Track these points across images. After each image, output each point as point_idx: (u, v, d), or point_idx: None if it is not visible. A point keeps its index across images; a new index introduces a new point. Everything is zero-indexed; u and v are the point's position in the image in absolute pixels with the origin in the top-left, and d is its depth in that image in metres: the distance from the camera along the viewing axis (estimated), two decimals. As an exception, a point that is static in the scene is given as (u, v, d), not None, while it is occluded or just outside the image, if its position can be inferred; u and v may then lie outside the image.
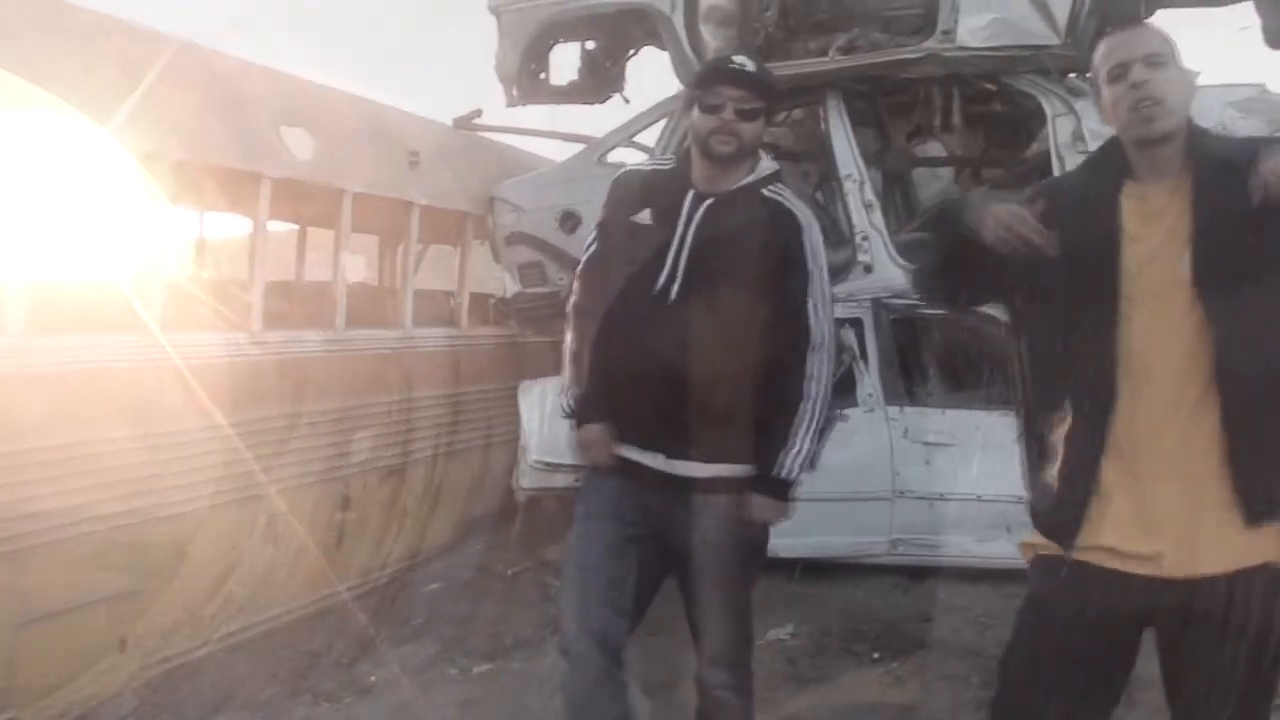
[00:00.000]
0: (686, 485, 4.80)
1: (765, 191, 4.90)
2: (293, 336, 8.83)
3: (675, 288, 4.74)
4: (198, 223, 11.43)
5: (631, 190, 5.02)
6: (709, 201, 4.80)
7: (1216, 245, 3.70)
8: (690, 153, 4.96)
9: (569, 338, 5.19)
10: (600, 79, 12.65)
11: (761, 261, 4.79)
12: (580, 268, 5.22)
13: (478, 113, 12.37)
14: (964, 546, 9.34)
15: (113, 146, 7.01)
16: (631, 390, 4.82)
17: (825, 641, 8.42)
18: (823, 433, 4.91)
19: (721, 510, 4.85)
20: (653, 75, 13.71)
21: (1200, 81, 10.12)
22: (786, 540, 8.39)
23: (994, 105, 11.46)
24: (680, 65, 10.95)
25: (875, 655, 8.23)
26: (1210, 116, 9.49)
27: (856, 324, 9.98)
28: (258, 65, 9.31)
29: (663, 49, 11.29)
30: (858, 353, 9.92)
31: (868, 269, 10.20)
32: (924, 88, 11.39)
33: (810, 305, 4.86)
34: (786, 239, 4.84)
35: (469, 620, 8.96)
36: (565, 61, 12.54)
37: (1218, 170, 3.78)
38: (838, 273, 10.49)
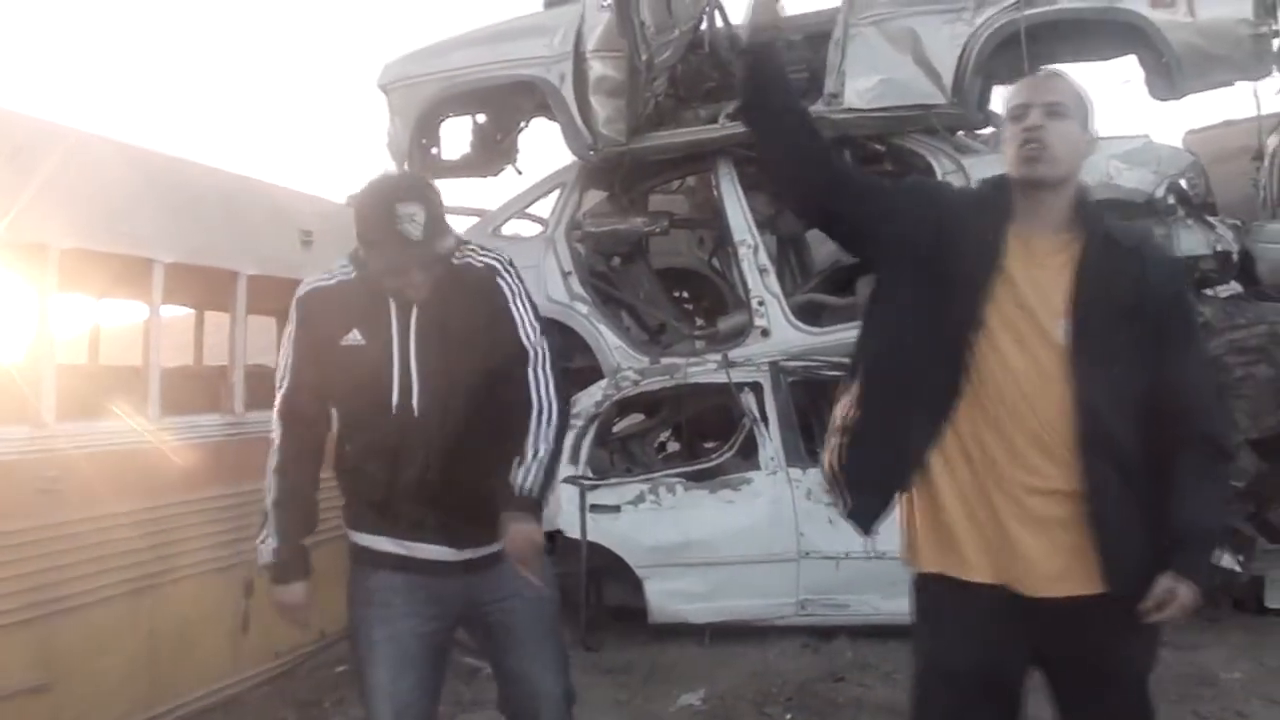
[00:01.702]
0: (483, 564, 4.74)
1: (455, 262, 4.75)
2: (191, 421, 8.74)
3: (414, 399, 4.62)
4: (92, 310, 11.35)
5: (328, 312, 4.72)
6: (415, 308, 4.64)
7: (1094, 323, 3.90)
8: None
9: (273, 486, 5.02)
10: (492, 152, 12.69)
11: (481, 329, 4.71)
12: (280, 409, 4.93)
13: (370, 190, 12.35)
14: (871, 604, 9.37)
15: (2, 237, 6.95)
16: (403, 502, 4.71)
17: (738, 705, 8.42)
18: (559, 438, 4.75)
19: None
20: (544, 147, 13.78)
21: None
22: (696, 606, 8.30)
23: (884, 165, 11.57)
24: (571, 136, 11.02)
25: (788, 716, 8.24)
26: (1096, 168, 9.66)
27: (756, 388, 10.04)
28: (147, 150, 9.25)
29: (553, 120, 11.34)
30: (758, 416, 9.96)
31: (765, 333, 10.29)
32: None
33: (522, 331, 4.76)
34: (493, 296, 4.76)
35: (378, 700, 8.90)
36: (457, 136, 12.59)
37: (1107, 248, 4.01)
38: (735, 337, 10.58)
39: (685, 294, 13.28)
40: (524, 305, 4.79)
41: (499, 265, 4.82)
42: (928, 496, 4.13)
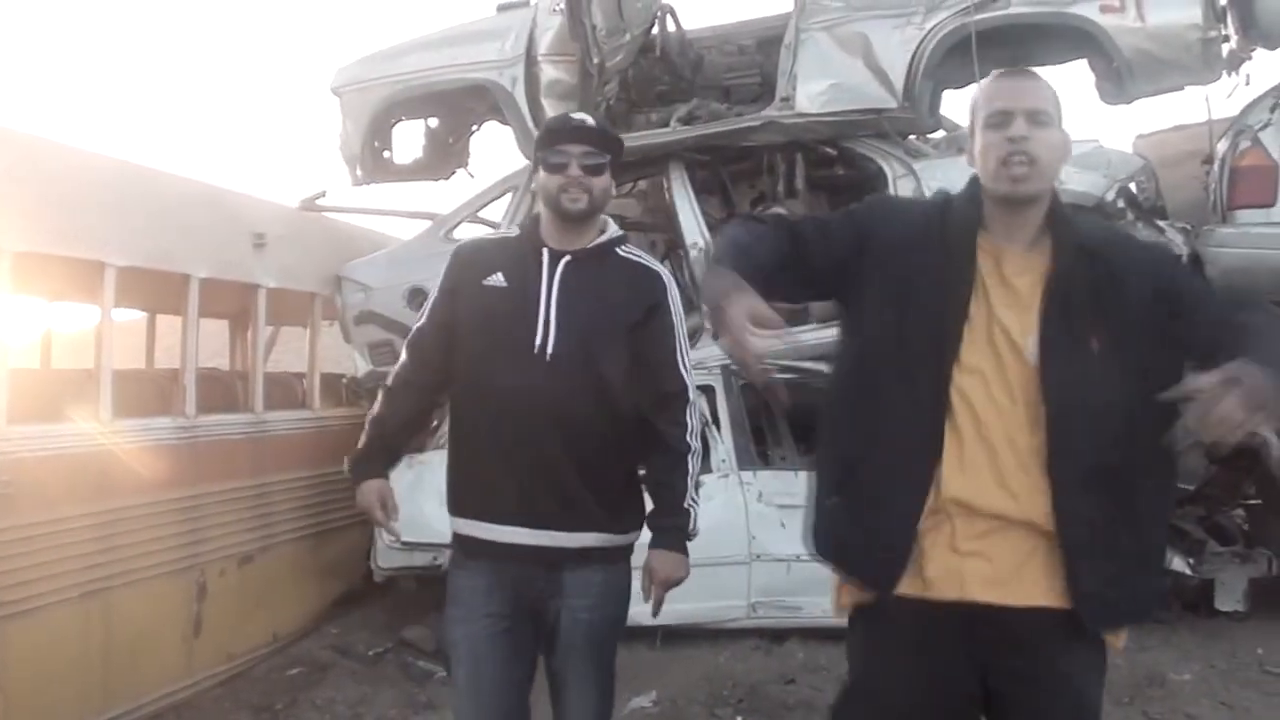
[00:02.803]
0: (561, 558, 4.77)
1: (620, 251, 4.96)
2: (143, 424, 8.74)
3: (550, 344, 4.70)
4: (45, 314, 11.32)
5: (478, 258, 4.97)
6: (567, 258, 4.81)
7: (1065, 340, 3.65)
8: (539, 218, 4.96)
9: (378, 404, 5.13)
10: (444, 155, 12.68)
11: (628, 317, 4.83)
12: (411, 338, 5.13)
13: (322, 193, 12.36)
14: (822, 606, 9.26)
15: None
16: (501, 459, 4.74)
17: (689, 707, 8.44)
18: (699, 486, 4.96)
19: (598, 584, 4.86)
20: (496, 150, 13.75)
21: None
22: (647, 608, 8.40)
23: (836, 169, 11.60)
24: (523, 139, 11.01)
25: (739, 718, 8.27)
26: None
27: (708, 390, 10.00)
28: (99, 154, 9.24)
29: (505, 124, 11.35)
30: (709, 419, 9.96)
31: (715, 336, 10.28)
32: (766, 154, 11.49)
33: (679, 359, 4.96)
34: (653, 296, 4.90)
35: (331, 704, 8.90)
36: (409, 139, 12.57)
37: (1079, 260, 3.74)
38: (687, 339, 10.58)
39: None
40: (683, 340, 5.01)
41: (667, 281, 5.01)
42: None
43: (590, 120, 4.96)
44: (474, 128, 12.64)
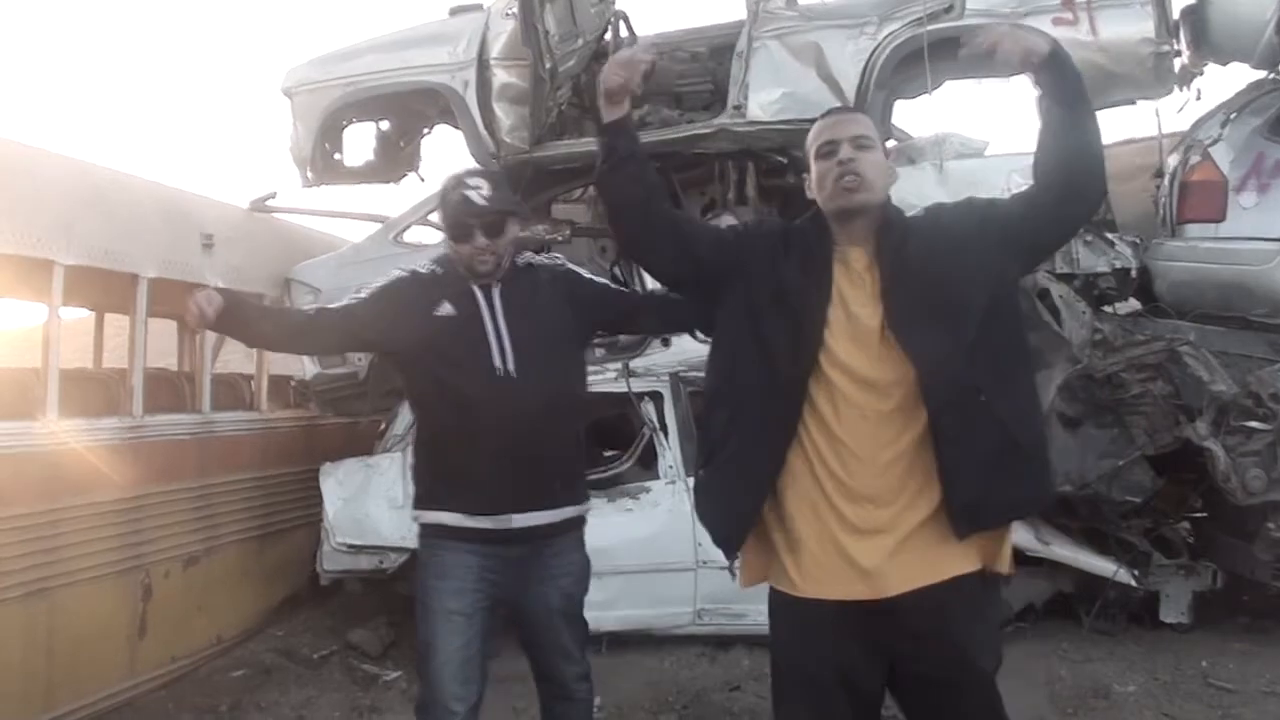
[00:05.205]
0: (546, 534, 5.43)
1: (519, 262, 5.58)
2: (89, 424, 8.70)
3: (510, 364, 5.28)
4: (-10, 311, 11.26)
5: (419, 290, 5.46)
6: (496, 286, 5.41)
7: (902, 297, 4.16)
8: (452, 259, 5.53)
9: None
10: (395, 158, 12.65)
11: (565, 324, 5.50)
12: (322, 308, 5.86)
13: (272, 194, 12.31)
14: (767, 613, 9.38)
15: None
16: (483, 460, 5.26)
17: (634, 713, 8.43)
18: None
19: (577, 563, 5.69)
20: (447, 153, 13.69)
21: (990, 151, 10.44)
22: (592, 614, 8.42)
23: (787, 178, 11.62)
24: (474, 143, 10.98)
25: (683, 725, 8.28)
26: (997, 182, 9.75)
27: (656, 397, 10.02)
28: (48, 151, 9.19)
29: (456, 127, 11.32)
30: (657, 425, 9.96)
31: (665, 343, 10.26)
32: (717, 162, 11.51)
33: (615, 287, 6.02)
34: (567, 287, 5.60)
35: (275, 706, 8.87)
36: (360, 141, 12.53)
37: (905, 234, 4.31)
38: (637, 346, 10.57)
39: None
40: (601, 279, 5.83)
41: (563, 262, 5.80)
42: (775, 516, 4.37)
43: (484, 188, 5.43)
44: (425, 131, 12.60)
